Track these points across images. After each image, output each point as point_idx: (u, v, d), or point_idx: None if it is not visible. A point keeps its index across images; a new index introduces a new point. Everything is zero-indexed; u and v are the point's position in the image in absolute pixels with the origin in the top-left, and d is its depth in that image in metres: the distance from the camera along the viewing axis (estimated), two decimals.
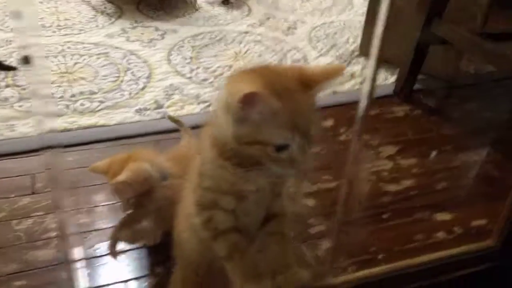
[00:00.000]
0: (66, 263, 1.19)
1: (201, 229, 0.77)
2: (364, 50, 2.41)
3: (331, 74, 0.68)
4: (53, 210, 1.34)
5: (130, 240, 1.24)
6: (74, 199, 1.40)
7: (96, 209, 1.39)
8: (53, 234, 1.28)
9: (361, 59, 2.37)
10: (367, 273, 0.72)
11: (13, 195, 1.40)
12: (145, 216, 1.19)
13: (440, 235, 1.41)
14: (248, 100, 0.61)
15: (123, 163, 1.12)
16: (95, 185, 1.44)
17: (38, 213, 1.34)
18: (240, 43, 2.44)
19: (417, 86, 2.14)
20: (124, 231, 1.20)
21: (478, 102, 2.16)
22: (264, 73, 0.67)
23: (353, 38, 2.59)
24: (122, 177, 1.08)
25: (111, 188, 1.11)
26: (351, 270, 1.23)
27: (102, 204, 1.40)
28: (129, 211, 1.17)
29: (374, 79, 0.62)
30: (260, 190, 0.73)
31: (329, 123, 1.88)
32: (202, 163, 0.74)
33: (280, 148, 0.65)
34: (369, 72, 0.61)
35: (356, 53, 2.43)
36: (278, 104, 0.63)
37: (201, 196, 0.76)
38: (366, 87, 0.62)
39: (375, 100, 2.18)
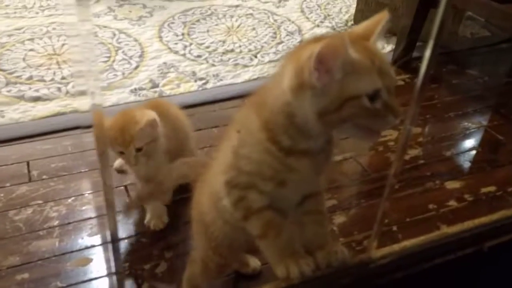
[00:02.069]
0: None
1: (232, 209, 0.72)
2: (358, 19, 2.35)
3: (378, 23, 0.65)
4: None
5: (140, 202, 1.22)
6: (75, 184, 1.35)
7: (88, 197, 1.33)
8: (55, 223, 1.23)
9: None
10: (408, 244, 0.68)
11: (8, 184, 1.34)
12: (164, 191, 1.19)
13: (452, 203, 1.38)
14: (324, 57, 0.57)
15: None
16: (95, 169, 1.38)
17: (37, 202, 1.28)
18: (232, 17, 2.36)
19: (415, 54, 2.09)
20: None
21: (477, 67, 2.13)
22: (323, 37, 0.62)
23: (346, 8, 2.53)
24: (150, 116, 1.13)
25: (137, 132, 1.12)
26: (366, 243, 1.21)
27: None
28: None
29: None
30: (304, 177, 0.69)
31: None
32: (242, 145, 0.69)
33: (373, 97, 0.60)
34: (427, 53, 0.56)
35: (351, 22, 2.37)
36: (355, 52, 0.59)
37: (235, 177, 0.71)
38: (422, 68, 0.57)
39: None
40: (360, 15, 2.32)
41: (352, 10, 2.42)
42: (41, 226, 1.22)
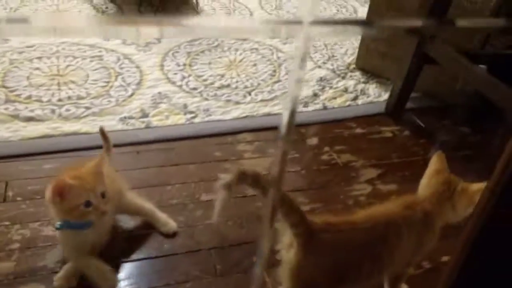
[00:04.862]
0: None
1: None
2: (360, 63, 2.37)
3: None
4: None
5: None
6: (45, 209, 1.41)
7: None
8: (17, 246, 1.29)
9: (357, 73, 2.34)
10: None
11: None
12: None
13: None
14: None
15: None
16: None
17: (4, 223, 1.35)
18: (237, 50, 2.43)
19: (410, 105, 2.10)
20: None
21: (471, 124, 2.10)
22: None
23: (352, 50, 2.56)
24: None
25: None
26: None
27: None
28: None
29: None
30: None
31: (313, 141, 1.87)
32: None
33: None
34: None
35: (353, 66, 2.40)
36: None
37: None
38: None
39: (365, 118, 2.14)
40: (362, 61, 2.35)
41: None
42: (3, 248, 1.28)
